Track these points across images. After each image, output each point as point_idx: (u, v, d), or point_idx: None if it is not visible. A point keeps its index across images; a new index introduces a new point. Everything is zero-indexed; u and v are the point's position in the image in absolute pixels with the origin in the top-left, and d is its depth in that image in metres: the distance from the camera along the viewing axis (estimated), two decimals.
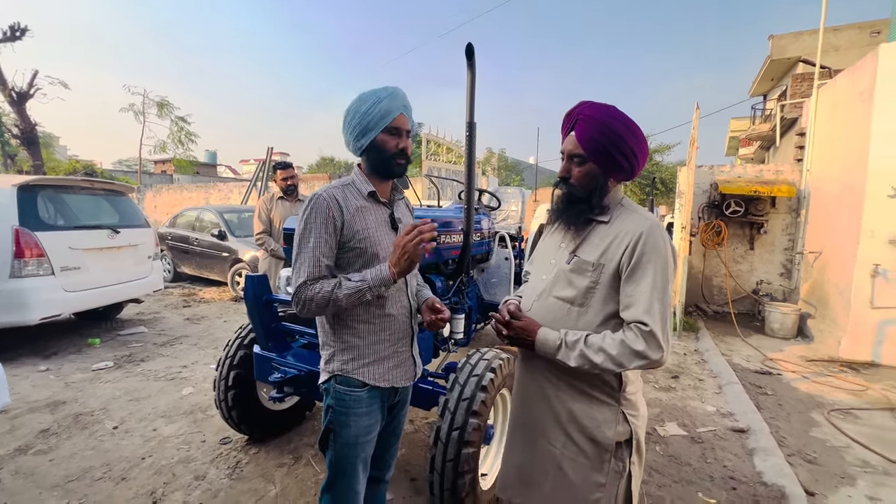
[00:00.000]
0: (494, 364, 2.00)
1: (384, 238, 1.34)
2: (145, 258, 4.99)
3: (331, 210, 1.26)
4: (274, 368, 2.22)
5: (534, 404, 1.24)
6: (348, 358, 1.33)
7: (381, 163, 1.34)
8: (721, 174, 6.59)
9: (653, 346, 1.04)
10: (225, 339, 4.63)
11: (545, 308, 1.22)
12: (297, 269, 1.25)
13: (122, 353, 4.22)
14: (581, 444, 1.15)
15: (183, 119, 18.73)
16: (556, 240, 1.28)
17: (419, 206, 4.14)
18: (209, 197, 14.07)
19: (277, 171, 4.01)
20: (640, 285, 1.07)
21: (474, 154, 2.30)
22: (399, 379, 1.40)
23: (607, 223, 1.17)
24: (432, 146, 6.67)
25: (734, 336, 5.36)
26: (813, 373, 4.14)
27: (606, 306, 1.13)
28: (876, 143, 4.33)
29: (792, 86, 10.75)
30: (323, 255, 1.26)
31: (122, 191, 5.11)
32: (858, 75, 4.76)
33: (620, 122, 1.13)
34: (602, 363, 1.06)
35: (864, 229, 4.40)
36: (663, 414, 3.22)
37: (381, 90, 1.31)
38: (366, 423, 1.34)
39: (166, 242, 7.84)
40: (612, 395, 1.15)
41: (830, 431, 3.01)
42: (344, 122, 1.33)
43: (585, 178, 1.17)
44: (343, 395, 1.31)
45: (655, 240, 1.09)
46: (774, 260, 6.38)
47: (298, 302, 1.23)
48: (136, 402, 3.21)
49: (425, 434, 2.78)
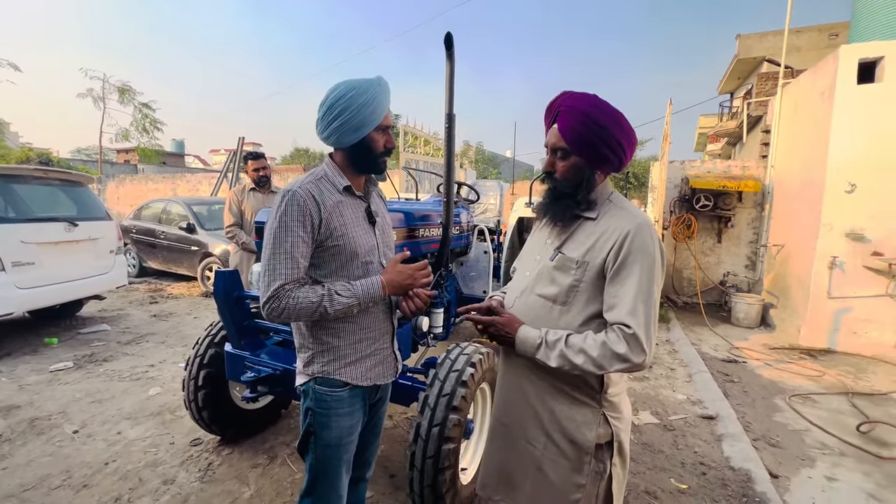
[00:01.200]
0: (474, 358, 1.99)
1: (361, 234, 1.29)
2: (107, 252, 4.75)
3: (308, 207, 1.18)
4: (247, 367, 2.14)
5: (515, 403, 1.22)
6: (329, 359, 1.28)
7: (368, 161, 1.29)
8: (692, 169, 6.79)
9: (635, 350, 1.01)
10: (194, 337, 4.47)
11: (527, 305, 1.19)
12: (272, 270, 1.16)
13: (83, 353, 4.01)
14: (561, 445, 1.14)
15: (147, 105, 17.82)
16: (543, 235, 1.25)
17: (397, 198, 4.08)
18: (176, 188, 13.53)
19: (249, 161, 3.88)
20: (624, 286, 1.04)
21: (454, 146, 2.26)
22: (381, 376, 1.36)
23: (595, 220, 1.13)
24: (410, 138, 6.59)
25: (703, 326, 5.56)
26: (775, 360, 4.34)
27: (589, 306, 1.10)
28: (835, 141, 4.53)
29: (757, 84, 11.15)
30: (301, 256, 1.18)
31: (81, 181, 4.84)
32: (820, 75, 4.96)
33: (604, 113, 1.09)
34: (582, 364, 1.04)
35: (823, 223, 4.61)
36: (637, 403, 3.31)
37: (372, 82, 1.23)
38: (348, 424, 1.30)
39: (130, 236, 7.50)
40: (594, 396, 1.13)
41: (792, 416, 3.17)
42: (327, 113, 1.22)
43: (570, 172, 1.13)
44: (324, 396, 1.27)
45: (643, 239, 1.05)
46: (740, 252, 6.63)
47: (276, 308, 1.15)
48: (98, 404, 3.06)
49: (404, 430, 2.76)
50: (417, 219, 2.63)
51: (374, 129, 1.23)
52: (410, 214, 2.57)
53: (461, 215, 3.40)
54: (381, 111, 1.23)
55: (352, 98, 1.19)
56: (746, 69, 15.21)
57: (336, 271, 1.25)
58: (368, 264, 1.30)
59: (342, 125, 1.21)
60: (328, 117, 1.22)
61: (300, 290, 1.17)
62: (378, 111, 1.22)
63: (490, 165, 26.25)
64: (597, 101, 1.11)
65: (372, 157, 1.28)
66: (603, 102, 1.11)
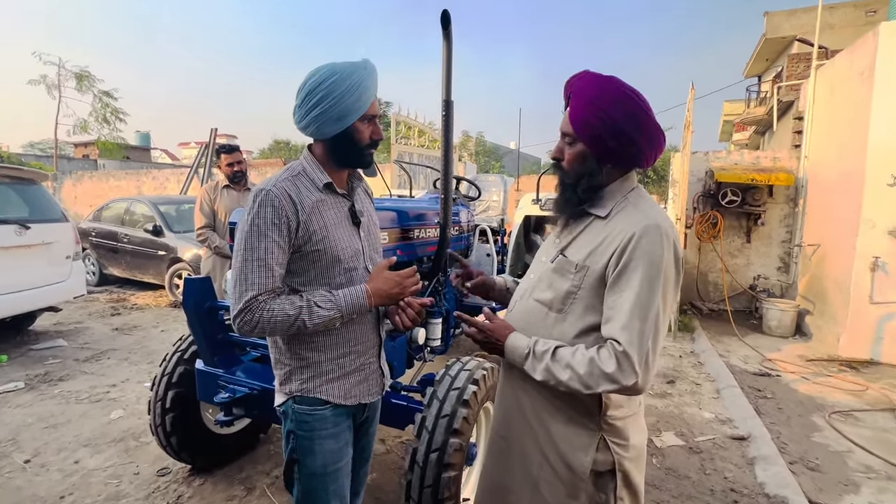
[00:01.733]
0: (477, 375, 1.98)
1: (344, 237, 1.27)
2: (63, 258, 4.73)
3: (284, 209, 1.16)
4: (220, 387, 2.12)
5: (513, 417, 1.23)
6: (308, 376, 1.26)
7: (352, 154, 1.28)
8: (717, 161, 6.81)
9: (625, 370, 0.98)
10: (162, 353, 4.42)
11: (524, 310, 1.21)
12: (244, 279, 1.14)
13: (36, 372, 3.98)
14: (556, 466, 1.13)
15: (108, 94, 17.81)
16: (553, 235, 1.27)
17: (389, 196, 4.08)
18: (141, 186, 13.53)
19: (222, 155, 3.87)
20: (622, 296, 1.01)
21: (451, 136, 2.26)
22: (366, 394, 1.35)
23: (605, 218, 1.11)
24: (402, 128, 6.60)
25: (731, 335, 5.57)
26: (812, 373, 4.35)
27: (587, 316, 1.08)
28: (876, 128, 4.56)
29: (788, 66, 11.24)
30: (276, 263, 1.17)
31: (34, 178, 4.83)
32: (858, 55, 5.00)
33: (618, 100, 1.06)
34: (568, 381, 1.03)
35: (864, 220, 4.63)
36: (659, 423, 3.30)
37: (357, 66, 1.21)
38: (334, 447, 1.28)
39: (89, 240, 7.47)
40: (591, 418, 1.11)
41: (832, 435, 3.16)
42: (306, 99, 1.19)
43: (575, 161, 1.13)
44: (305, 417, 1.25)
45: (650, 243, 1.01)
46: (772, 253, 6.66)
47: (248, 322, 1.14)
48: (52, 429, 3.03)
49: (399, 456, 2.74)
50: (412, 218, 2.62)
51: (359, 118, 1.22)
52: (404, 213, 2.56)
53: (460, 214, 3.40)
54: (367, 98, 1.21)
55: (334, 83, 1.17)
56: (775, 50, 15.32)
57: (316, 279, 1.24)
58: (352, 271, 1.28)
59: (323, 113, 1.18)
60: (307, 104, 1.19)
61: (275, 302, 1.15)
62: (364, 98, 1.20)
63: (492, 158, 26.34)
64: (614, 86, 1.08)
65: (356, 149, 1.26)
66: (620, 89, 1.07)
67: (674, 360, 4.69)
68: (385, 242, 2.33)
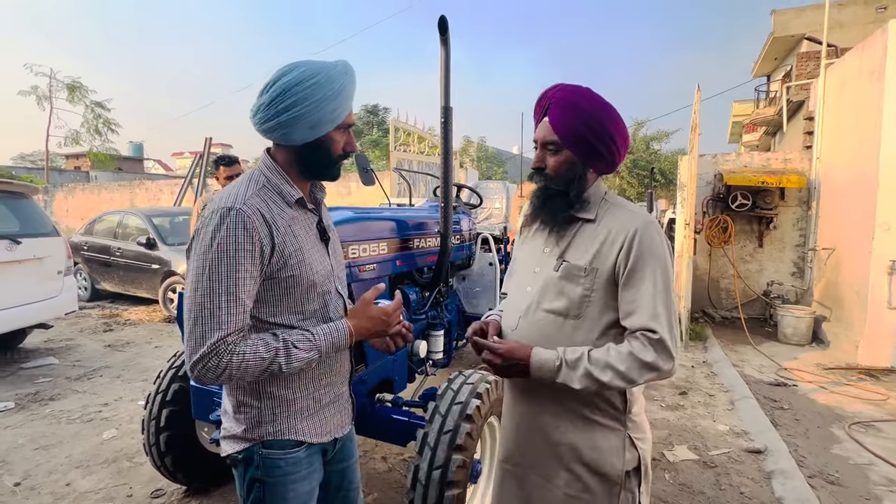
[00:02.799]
0: (480, 388, 1.98)
1: (317, 258, 1.18)
2: (54, 273, 4.76)
3: (257, 230, 1.03)
4: (216, 404, 2.13)
5: (527, 438, 1.23)
6: (282, 416, 1.14)
7: (321, 165, 1.18)
8: (726, 163, 6.83)
9: (663, 356, 1.07)
10: (155, 369, 4.42)
11: (534, 324, 1.21)
12: (208, 316, 0.99)
13: (27, 392, 3.99)
14: (586, 479, 1.16)
15: (100, 105, 18.06)
16: (538, 245, 1.27)
17: (388, 204, 4.10)
18: (134, 198, 13.60)
19: (220, 167, 3.88)
20: (640, 289, 1.10)
21: (451, 143, 2.29)
22: (339, 427, 1.26)
23: (594, 221, 1.19)
24: (401, 135, 6.65)
25: (745, 344, 5.54)
26: (830, 382, 4.32)
27: (604, 316, 1.14)
28: (889, 127, 4.58)
29: (797, 65, 11.30)
30: (248, 297, 1.04)
31: (24, 192, 4.88)
32: (868, 53, 5.03)
33: (597, 106, 1.16)
34: (610, 381, 1.07)
35: (879, 223, 4.63)
36: (672, 436, 3.29)
37: (338, 70, 1.11)
38: (306, 489, 1.19)
39: (81, 254, 7.52)
40: (618, 417, 1.16)
41: (852, 447, 3.14)
42: (277, 100, 1.06)
43: (562, 168, 1.18)
44: (277, 461, 1.13)
45: (651, 237, 1.12)
46: (785, 258, 6.64)
47: (213, 368, 0.98)
48: (43, 450, 3.04)
49: (401, 474, 2.73)
50: (411, 228, 2.64)
51: (335, 127, 1.13)
52: (403, 223, 2.58)
53: (462, 222, 3.42)
54: (345, 107, 1.14)
55: (313, 88, 1.06)
56: (784, 48, 15.40)
57: (288, 308, 1.12)
58: (326, 294, 1.20)
59: (295, 119, 1.07)
60: (276, 105, 1.07)
61: (246, 343, 1.02)
62: (342, 107, 1.13)
63: (494, 164, 26.43)
64: (590, 94, 1.19)
65: (328, 160, 1.17)
66: (596, 95, 1.19)
67: (686, 371, 4.67)
68: (385, 253, 2.35)
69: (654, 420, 3.52)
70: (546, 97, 1.21)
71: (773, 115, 12.54)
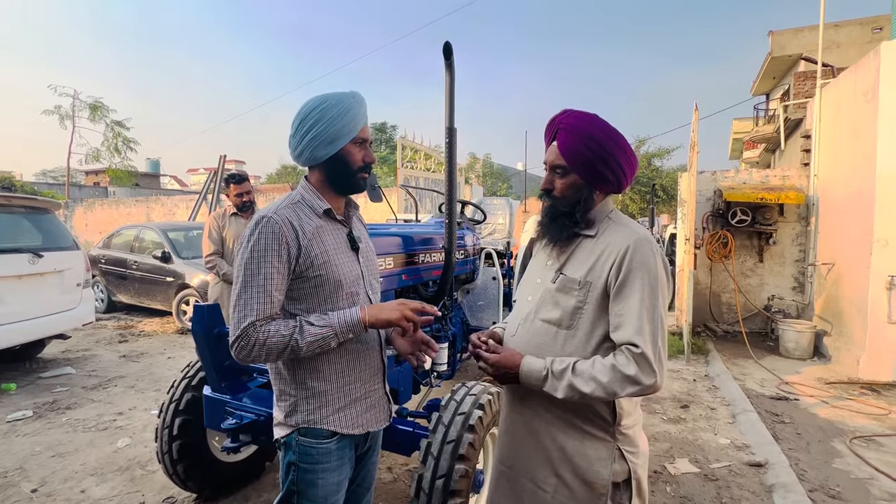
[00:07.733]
0: (483, 399, 2.00)
1: (345, 262, 1.32)
2: (74, 286, 4.83)
3: (284, 235, 1.20)
4: (228, 413, 2.16)
5: (521, 442, 1.25)
6: (315, 406, 1.28)
7: (345, 177, 1.33)
8: (725, 180, 6.85)
9: (645, 371, 1.07)
10: (169, 380, 4.48)
11: (531, 332, 1.25)
12: (243, 305, 1.17)
13: (44, 400, 4.04)
14: (573, 485, 1.17)
15: (120, 124, 18.42)
16: (543, 258, 1.33)
17: (395, 220, 4.16)
18: (151, 212, 13.80)
19: (231, 185, 3.95)
20: (628, 304, 1.11)
21: (455, 162, 2.34)
22: (373, 422, 1.38)
23: (594, 237, 1.23)
24: (408, 152, 6.74)
25: (746, 358, 5.49)
26: (832, 396, 4.26)
27: (596, 328, 1.17)
28: (883, 146, 4.59)
29: (795, 85, 11.36)
30: (276, 290, 1.20)
31: (47, 207, 4.97)
32: (861, 74, 5.07)
33: (604, 133, 1.19)
34: (592, 392, 1.09)
35: (877, 238, 4.62)
36: (673, 449, 3.26)
37: (346, 94, 1.30)
38: (335, 480, 1.30)
39: (99, 267, 7.62)
40: (606, 429, 1.18)
41: (853, 462, 3.10)
42: (299, 128, 1.28)
43: (569, 191, 1.23)
44: (309, 449, 1.27)
45: (643, 253, 1.13)
46: (786, 273, 6.61)
47: (246, 346, 1.16)
48: (60, 458, 3.07)
49: (405, 483, 2.73)
50: (417, 243, 2.68)
51: (350, 141, 1.28)
52: (409, 238, 2.63)
53: (466, 237, 3.46)
54: (357, 122, 1.29)
55: (325, 109, 1.25)
56: (782, 68, 15.50)
57: (319, 304, 1.26)
58: (355, 295, 1.32)
59: (315, 138, 1.25)
60: (301, 131, 1.27)
61: (270, 325, 1.18)
62: (354, 122, 1.28)
63: (499, 180, 26.57)
64: (597, 120, 1.22)
65: (349, 172, 1.32)
66: (602, 122, 1.22)
67: (688, 384, 4.63)
68: (391, 267, 2.39)
69: (656, 433, 3.50)
70: (555, 122, 1.25)
71: (772, 133, 12.56)
